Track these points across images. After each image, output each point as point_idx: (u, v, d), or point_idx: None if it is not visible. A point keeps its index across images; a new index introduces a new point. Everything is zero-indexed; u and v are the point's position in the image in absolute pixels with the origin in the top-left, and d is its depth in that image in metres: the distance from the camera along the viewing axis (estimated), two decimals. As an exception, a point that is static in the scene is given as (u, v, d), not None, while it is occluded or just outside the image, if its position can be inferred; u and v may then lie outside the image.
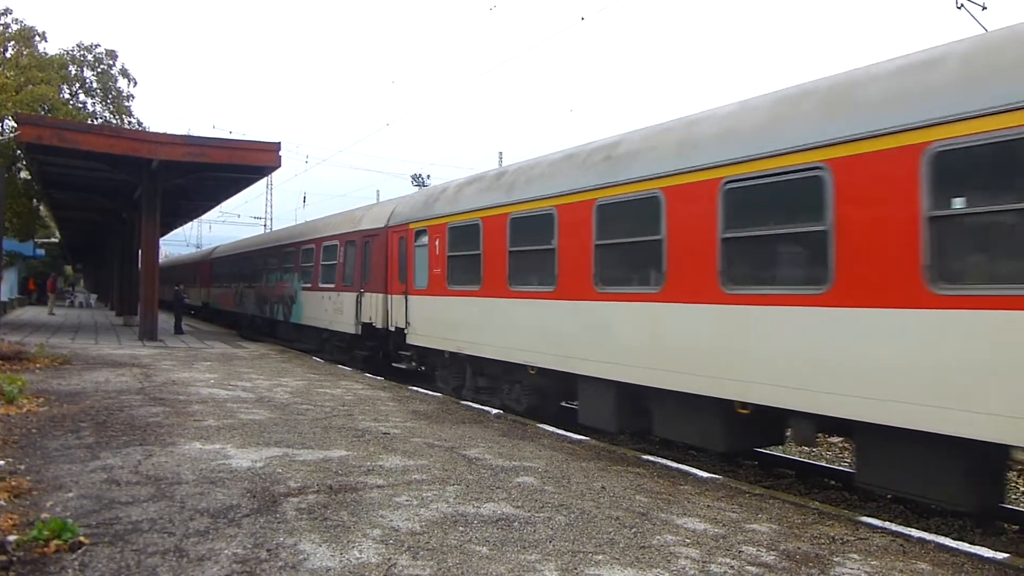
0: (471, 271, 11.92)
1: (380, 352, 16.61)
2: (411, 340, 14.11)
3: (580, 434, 9.52)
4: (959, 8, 12.87)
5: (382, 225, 15.84)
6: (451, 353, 12.74)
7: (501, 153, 47.56)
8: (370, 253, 16.45)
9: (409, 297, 14.13)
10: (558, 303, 9.77)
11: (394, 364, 15.85)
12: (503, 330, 10.99)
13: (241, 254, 30.29)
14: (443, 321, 12.86)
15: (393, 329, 15.05)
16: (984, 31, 8.37)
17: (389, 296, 15.19)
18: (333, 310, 18.53)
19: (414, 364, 14.85)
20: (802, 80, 7.67)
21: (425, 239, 13.53)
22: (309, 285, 20.64)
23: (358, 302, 16.79)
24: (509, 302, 10.86)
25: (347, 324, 17.52)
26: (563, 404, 11.63)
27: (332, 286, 18.71)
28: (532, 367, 10.49)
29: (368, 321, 16.29)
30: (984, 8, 13.18)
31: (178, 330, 25.17)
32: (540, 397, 11.02)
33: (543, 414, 10.86)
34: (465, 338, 12.10)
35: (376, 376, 15.25)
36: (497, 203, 11.28)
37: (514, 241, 10.84)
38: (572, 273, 9.57)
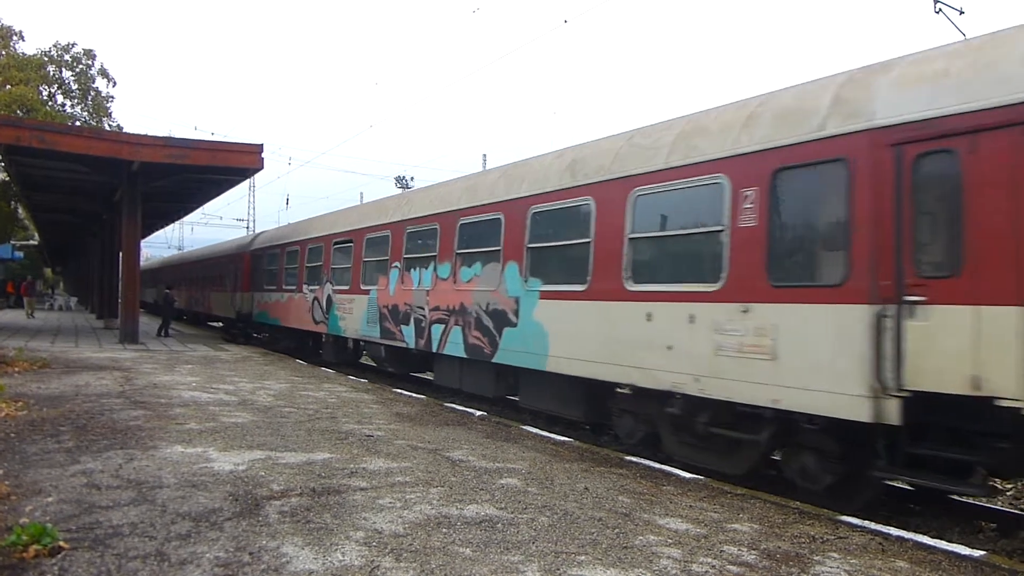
0: None
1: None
2: None
3: (563, 435, 9.55)
4: (937, 12, 13.08)
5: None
6: None
7: (485, 155, 47.49)
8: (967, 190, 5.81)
9: None
10: None
11: None
12: None
13: (326, 238, 18.50)
14: None
15: None
16: (962, 36, 8.49)
17: None
18: (710, 348, 7.65)
19: None
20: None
21: None
22: (579, 288, 9.62)
23: (880, 331, 6.15)
24: None
25: (813, 388, 6.63)
26: None
27: (711, 287, 7.72)
28: None
29: (987, 393, 5.49)
30: (961, 12, 13.40)
31: (161, 333, 24.95)
32: None
33: None
34: None
35: (360, 379, 15.19)
36: None
37: None
38: None
